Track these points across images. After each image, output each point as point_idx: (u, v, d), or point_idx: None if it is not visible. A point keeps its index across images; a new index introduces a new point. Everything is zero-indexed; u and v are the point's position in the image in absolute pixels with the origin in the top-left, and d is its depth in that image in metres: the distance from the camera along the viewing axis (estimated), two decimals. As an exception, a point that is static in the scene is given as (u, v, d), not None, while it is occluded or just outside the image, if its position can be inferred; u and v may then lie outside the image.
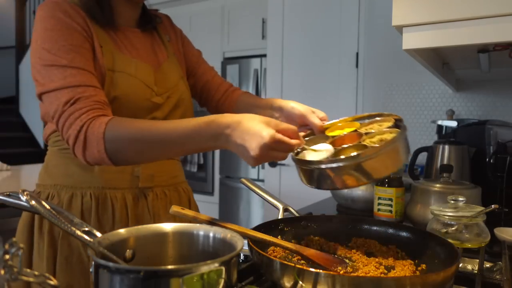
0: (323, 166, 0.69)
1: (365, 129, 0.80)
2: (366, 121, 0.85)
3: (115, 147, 0.76)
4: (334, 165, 0.67)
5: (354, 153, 0.67)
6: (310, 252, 0.69)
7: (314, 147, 0.75)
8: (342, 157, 0.68)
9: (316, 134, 0.85)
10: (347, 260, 0.72)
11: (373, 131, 0.77)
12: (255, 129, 0.65)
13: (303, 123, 0.87)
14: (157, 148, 0.75)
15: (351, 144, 0.74)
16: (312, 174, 0.71)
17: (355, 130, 0.80)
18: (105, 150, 0.75)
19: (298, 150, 0.78)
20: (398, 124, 0.78)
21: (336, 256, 0.73)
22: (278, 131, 0.66)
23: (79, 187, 0.92)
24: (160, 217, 0.97)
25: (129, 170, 0.94)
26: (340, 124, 0.85)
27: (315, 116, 0.86)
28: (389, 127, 0.76)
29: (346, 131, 0.81)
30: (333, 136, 0.81)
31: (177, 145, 0.74)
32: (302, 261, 0.71)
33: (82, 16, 0.86)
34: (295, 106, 0.90)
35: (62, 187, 0.93)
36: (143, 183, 0.95)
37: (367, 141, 0.73)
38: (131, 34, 0.97)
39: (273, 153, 0.66)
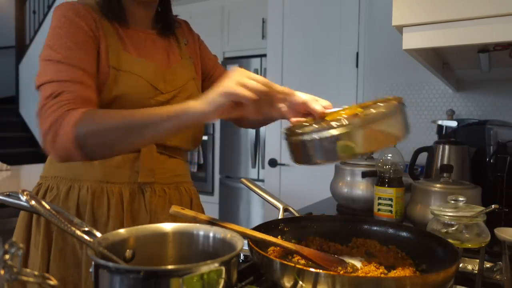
0: (315, 137, 0.64)
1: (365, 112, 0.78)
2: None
3: (85, 132, 0.75)
4: (329, 132, 0.63)
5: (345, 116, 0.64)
6: (310, 252, 0.69)
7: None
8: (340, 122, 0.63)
9: (317, 119, 0.82)
10: (347, 260, 0.72)
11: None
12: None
13: (305, 111, 0.84)
14: (128, 128, 0.76)
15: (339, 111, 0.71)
16: (305, 147, 0.66)
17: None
18: (75, 138, 0.75)
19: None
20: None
21: (336, 256, 0.73)
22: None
23: (77, 180, 0.92)
24: (157, 215, 0.96)
25: (128, 164, 0.94)
26: (343, 112, 0.82)
27: (318, 104, 0.84)
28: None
29: (345, 114, 0.79)
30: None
31: (149, 121, 0.74)
32: (302, 261, 0.71)
33: (93, 17, 0.89)
34: (298, 93, 0.87)
35: (61, 179, 0.93)
36: (142, 178, 0.94)
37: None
38: (143, 35, 0.99)
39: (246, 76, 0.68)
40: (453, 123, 1.90)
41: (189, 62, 1.06)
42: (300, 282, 0.54)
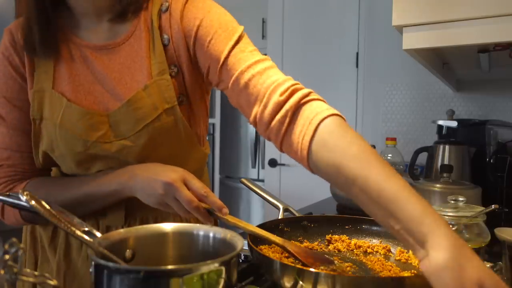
0: None
1: None
2: None
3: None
4: None
5: None
6: (296, 248, 0.68)
7: None
8: None
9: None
10: (337, 260, 0.72)
11: None
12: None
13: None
14: (70, 206, 0.74)
15: None
16: None
17: None
18: (22, 218, 0.78)
19: None
20: None
21: (324, 255, 0.73)
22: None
23: None
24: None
25: None
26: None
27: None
28: None
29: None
30: None
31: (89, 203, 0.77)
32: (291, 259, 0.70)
33: (19, 52, 0.77)
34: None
35: None
36: None
37: None
38: (96, 54, 0.76)
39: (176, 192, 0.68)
40: (453, 123, 1.90)
41: (163, 81, 0.74)
42: (300, 282, 0.54)
